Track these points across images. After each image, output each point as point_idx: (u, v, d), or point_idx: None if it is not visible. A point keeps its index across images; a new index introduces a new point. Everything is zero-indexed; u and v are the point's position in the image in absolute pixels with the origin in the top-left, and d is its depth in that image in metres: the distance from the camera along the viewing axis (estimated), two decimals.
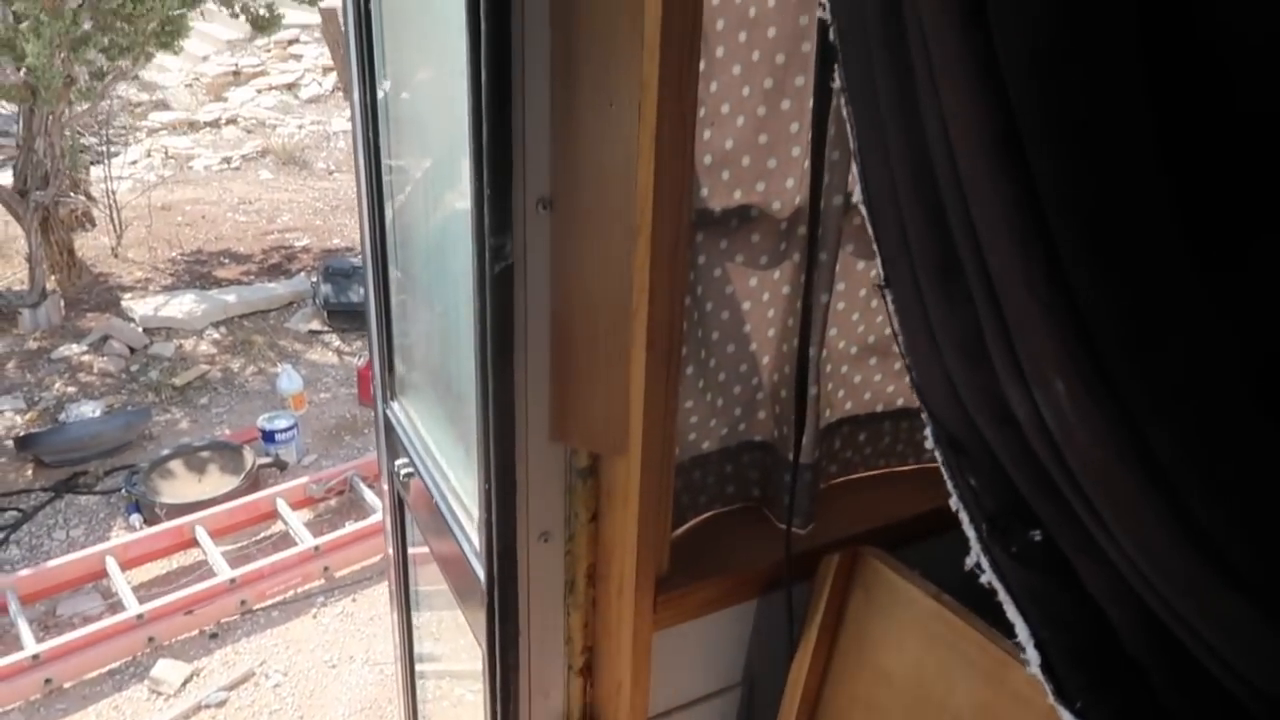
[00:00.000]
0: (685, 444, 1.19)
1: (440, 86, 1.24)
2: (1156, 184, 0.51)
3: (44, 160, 5.35)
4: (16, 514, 4.16)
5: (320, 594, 3.84)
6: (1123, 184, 0.50)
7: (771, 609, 1.21)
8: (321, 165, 8.06)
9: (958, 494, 0.78)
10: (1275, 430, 0.55)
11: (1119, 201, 0.50)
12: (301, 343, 5.57)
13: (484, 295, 0.97)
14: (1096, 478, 0.61)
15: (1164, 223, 0.51)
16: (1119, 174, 0.50)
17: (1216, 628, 0.64)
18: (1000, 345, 0.61)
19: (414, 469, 1.39)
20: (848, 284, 1.22)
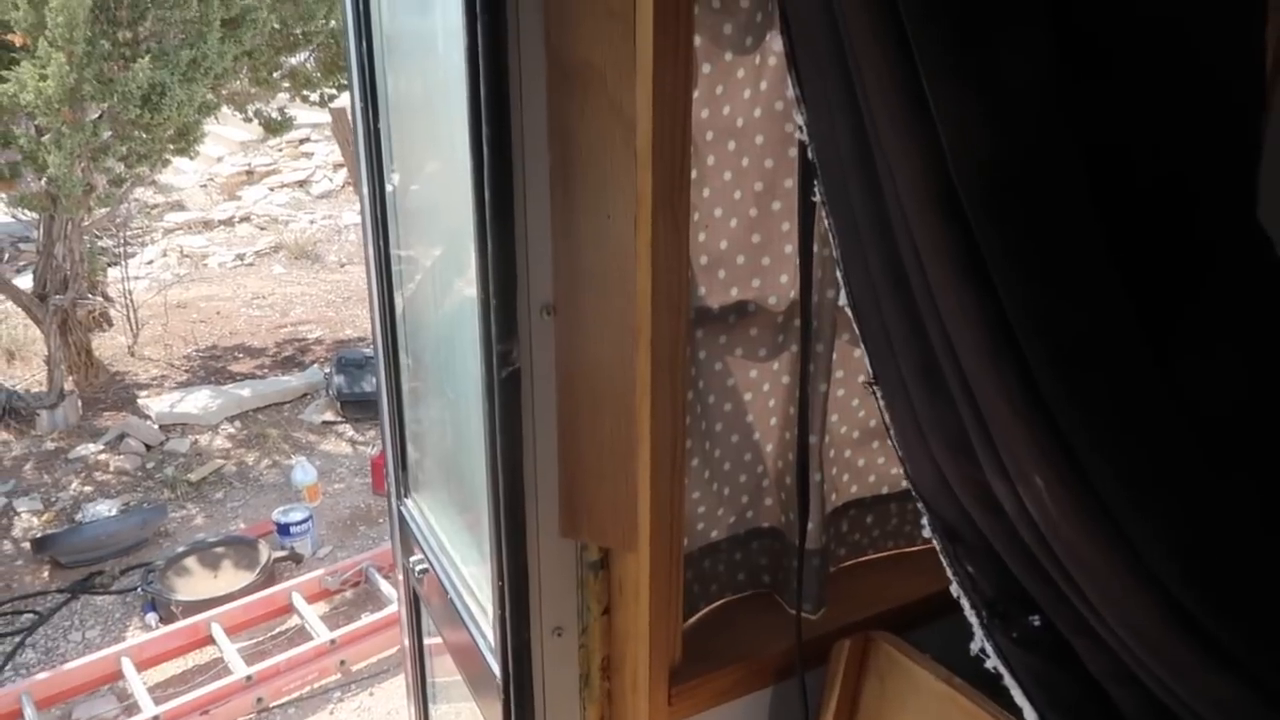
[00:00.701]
0: (694, 534, 1.21)
1: (446, 179, 1.29)
2: (1110, 285, 0.54)
3: (63, 265, 5.49)
4: (33, 617, 4.16)
5: (337, 689, 3.80)
6: (1082, 295, 0.54)
7: (786, 696, 1.21)
8: (333, 258, 8.23)
9: (957, 581, 0.80)
10: (1248, 518, 0.57)
11: (1081, 313, 0.54)
12: (315, 434, 5.61)
13: (492, 399, 1.01)
14: (1082, 567, 0.63)
15: (1124, 326, 0.54)
16: (1078, 288, 0.54)
17: (1214, 709, 0.65)
18: (983, 443, 0.64)
19: (428, 564, 1.41)
20: (846, 371, 1.26)
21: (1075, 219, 0.53)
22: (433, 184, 1.41)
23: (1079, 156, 0.53)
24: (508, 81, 0.94)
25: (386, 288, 1.53)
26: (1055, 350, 0.54)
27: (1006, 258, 0.53)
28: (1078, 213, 0.53)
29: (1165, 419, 0.55)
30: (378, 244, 1.53)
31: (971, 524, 0.75)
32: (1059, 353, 0.54)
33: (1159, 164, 0.54)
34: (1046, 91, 0.50)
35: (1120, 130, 0.53)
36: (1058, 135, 0.51)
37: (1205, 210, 0.55)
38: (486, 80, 0.93)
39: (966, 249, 0.54)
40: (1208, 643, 0.61)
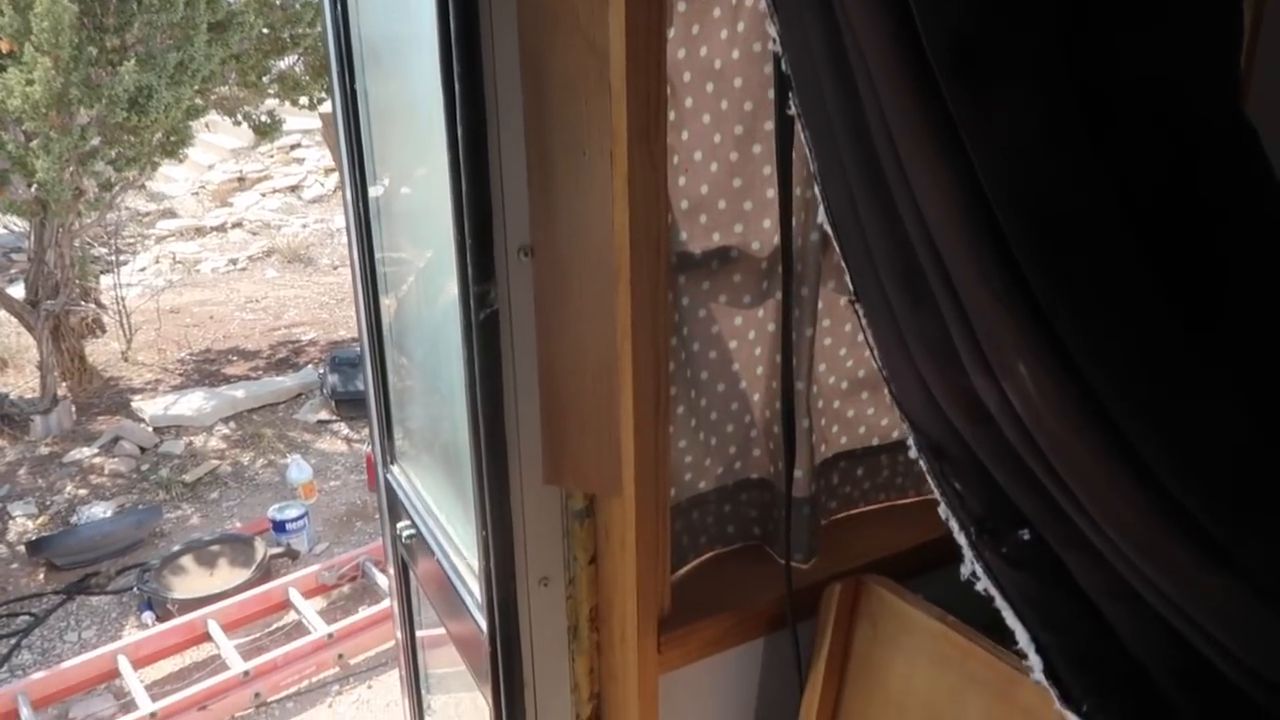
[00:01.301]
0: (682, 484, 1.20)
1: (419, 162, 1.30)
2: (1093, 167, 0.53)
3: (54, 271, 5.47)
4: (29, 618, 4.13)
5: (335, 682, 3.78)
6: (1059, 170, 0.52)
7: (779, 647, 1.20)
8: (326, 261, 8.22)
9: (945, 501, 0.79)
10: (1236, 403, 0.56)
11: (1059, 190, 0.52)
12: (310, 433, 5.59)
13: (471, 343, 1.00)
14: (1069, 461, 0.61)
15: (1104, 205, 0.53)
16: (1055, 162, 0.52)
17: (1209, 611, 0.64)
18: (965, 339, 0.62)
19: (415, 530, 1.40)
20: (833, 320, 1.24)
21: (1052, 92, 0.52)
22: (409, 163, 1.41)
23: (1056, 26, 0.51)
24: (478, 16, 0.92)
25: (367, 247, 1.52)
26: (1033, 227, 0.53)
27: (979, 129, 0.52)
28: (1054, 86, 0.52)
29: (1148, 302, 0.53)
30: (358, 213, 1.52)
31: (958, 438, 0.73)
32: (1037, 230, 0.53)
33: (1145, 57, 0.53)
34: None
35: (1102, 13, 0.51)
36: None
37: (1192, 95, 0.54)
38: (457, 15, 0.91)
39: (941, 123, 0.53)
40: (1200, 539, 0.59)
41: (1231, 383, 0.55)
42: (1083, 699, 0.76)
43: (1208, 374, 0.54)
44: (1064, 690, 0.77)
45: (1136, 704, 0.75)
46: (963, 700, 0.97)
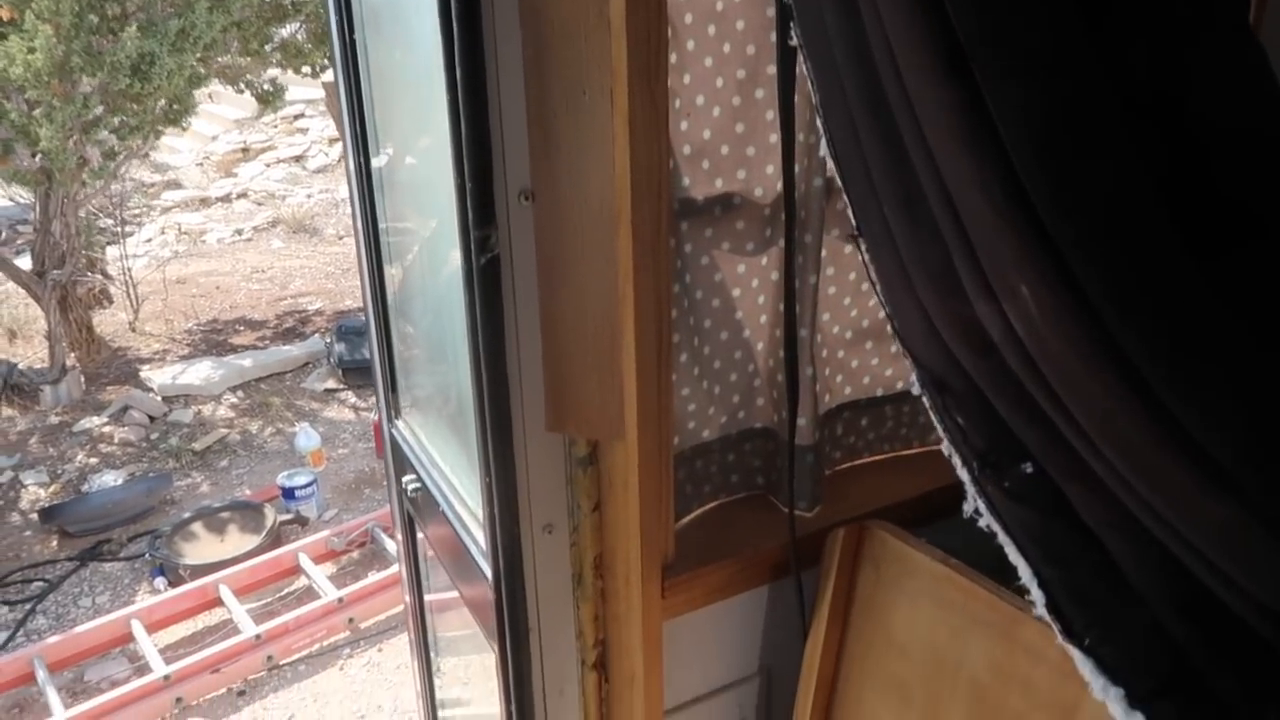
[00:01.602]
0: (685, 433, 1.20)
1: (422, 131, 1.30)
2: (1092, 68, 0.52)
3: (60, 242, 5.48)
4: (43, 584, 4.18)
5: (346, 646, 3.82)
6: (1060, 82, 0.51)
7: (783, 595, 1.20)
8: (331, 231, 8.21)
9: (948, 437, 0.78)
10: (1240, 322, 0.55)
11: (1060, 102, 0.51)
12: (318, 401, 5.61)
13: (472, 288, 0.99)
14: (1072, 386, 0.61)
15: (1107, 115, 0.52)
16: (1056, 75, 0.52)
17: (1214, 541, 0.64)
18: (967, 263, 0.62)
19: (421, 483, 1.40)
20: (837, 268, 1.23)
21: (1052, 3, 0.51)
22: (408, 124, 1.40)
23: None
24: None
25: (369, 198, 1.51)
26: (1035, 141, 0.52)
27: (983, 45, 0.51)
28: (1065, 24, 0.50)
29: (1151, 214, 0.53)
30: (359, 167, 1.51)
31: (960, 371, 0.73)
32: (1039, 143, 0.52)
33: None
34: None
35: None
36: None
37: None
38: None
39: (942, 37, 0.52)
40: (1205, 464, 0.59)
41: (1235, 297, 0.54)
42: (1084, 633, 0.77)
43: (1212, 288, 0.54)
44: (1066, 624, 0.77)
45: (1138, 637, 0.75)
46: (965, 641, 0.97)
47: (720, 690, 1.22)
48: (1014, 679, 0.93)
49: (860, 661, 1.11)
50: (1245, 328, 0.56)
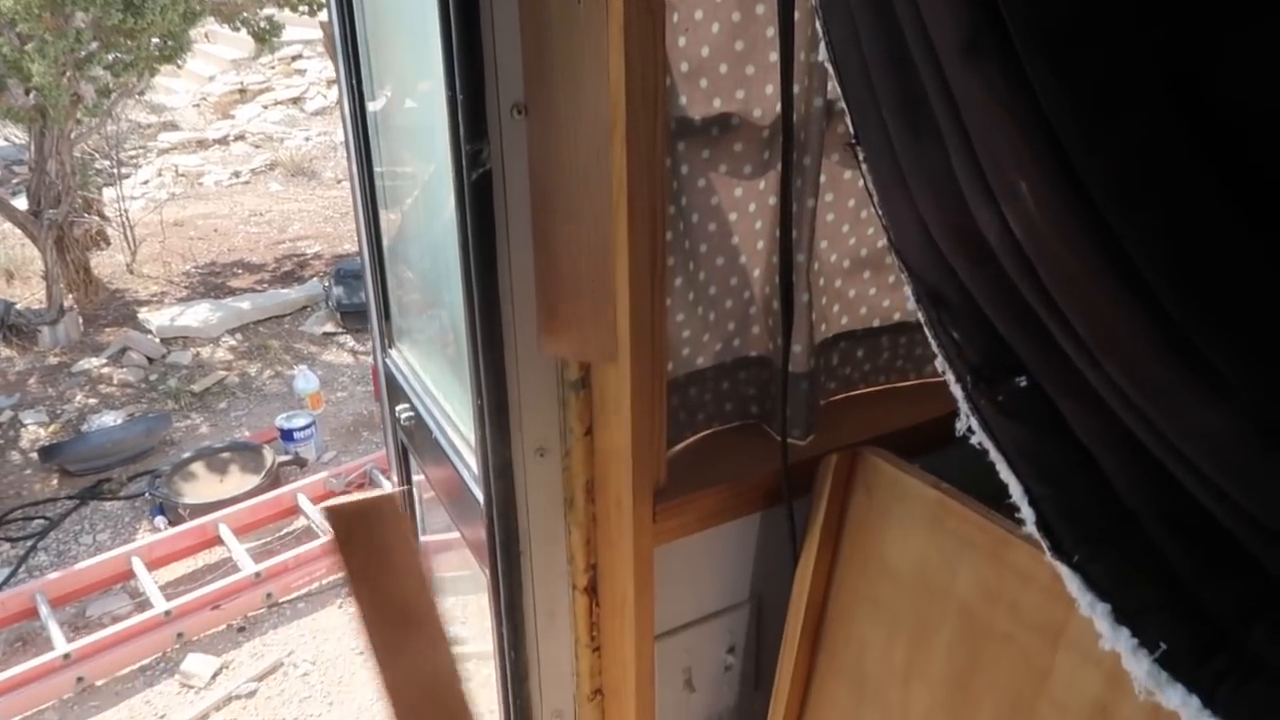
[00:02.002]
0: (680, 360, 1.19)
1: (420, 75, 1.27)
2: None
3: (56, 181, 5.42)
4: (44, 522, 4.22)
5: (345, 584, 3.86)
6: None
7: (775, 523, 1.20)
8: (330, 175, 8.12)
9: (942, 353, 0.77)
10: (1243, 222, 0.54)
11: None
12: (316, 345, 5.61)
13: (464, 204, 0.97)
14: (1069, 290, 0.60)
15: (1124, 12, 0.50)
16: None
17: (1208, 451, 0.63)
18: (966, 166, 0.60)
19: (414, 411, 1.40)
20: (836, 194, 1.21)
21: None
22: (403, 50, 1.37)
23: None
24: None
25: (362, 126, 1.48)
26: (1039, 27, 0.50)
27: None
28: None
29: (1157, 106, 0.51)
30: (352, 102, 1.48)
31: (956, 283, 0.72)
32: (1043, 29, 0.50)
33: None
34: None
35: None
36: None
37: None
38: None
39: None
40: (1201, 369, 0.58)
41: (1245, 197, 0.53)
42: (1074, 550, 0.76)
43: (1220, 187, 0.52)
44: (1055, 542, 0.77)
45: (1128, 554, 0.75)
46: (955, 564, 0.97)
47: (711, 616, 1.23)
48: (1002, 601, 0.93)
49: (850, 587, 1.11)
50: (1252, 229, 0.54)
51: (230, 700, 3.30)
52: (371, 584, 0.98)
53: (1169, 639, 0.72)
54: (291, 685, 3.37)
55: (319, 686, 3.36)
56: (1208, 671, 0.71)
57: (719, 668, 1.27)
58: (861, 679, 1.11)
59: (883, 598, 1.06)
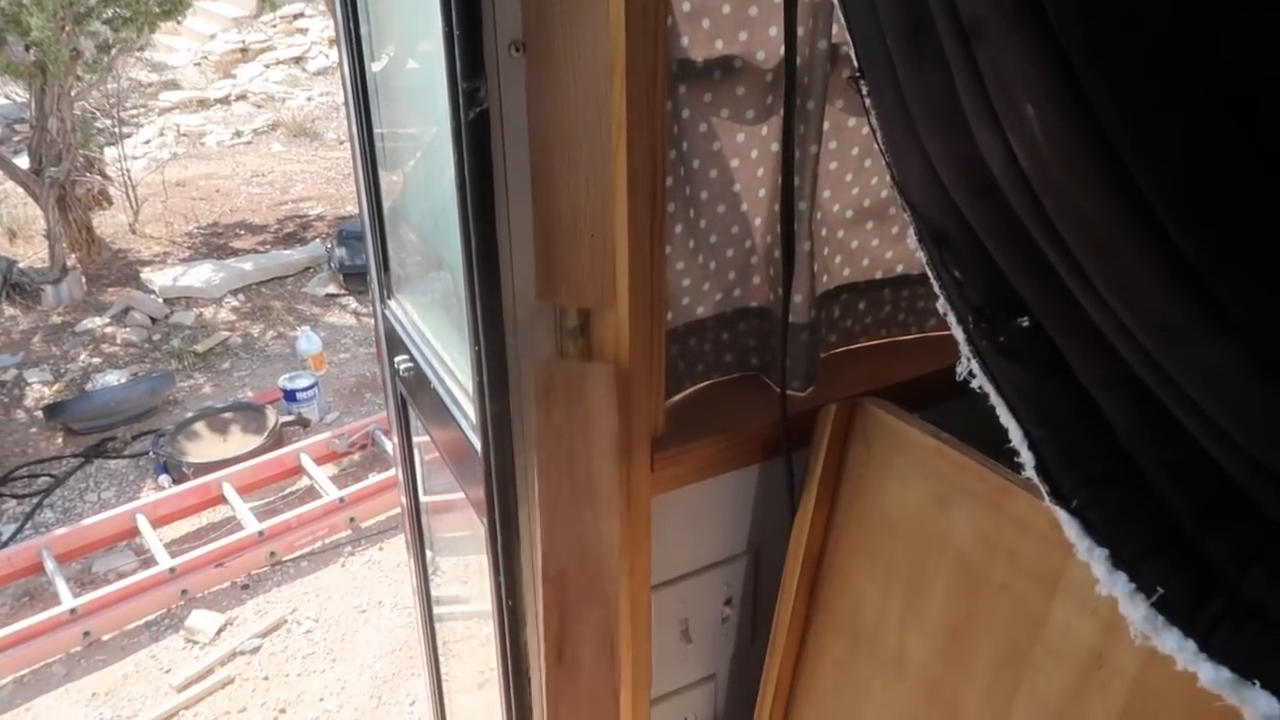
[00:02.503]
0: (679, 309, 1.17)
1: (422, 35, 1.25)
2: None
3: (56, 139, 5.39)
4: (49, 479, 4.24)
5: (347, 544, 3.89)
6: None
7: (774, 474, 1.20)
8: (332, 136, 8.07)
9: (944, 294, 0.76)
10: (1257, 151, 0.52)
11: None
12: (319, 306, 5.60)
13: (461, 144, 0.96)
14: (1076, 222, 0.58)
15: None
16: None
17: (1210, 387, 0.62)
18: (971, 87, 0.58)
19: (413, 362, 1.39)
20: (839, 142, 1.19)
21: None
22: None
23: None
24: None
25: (362, 87, 1.46)
26: None
27: None
28: None
29: (1172, 25, 0.49)
30: (351, 54, 1.46)
31: (959, 219, 0.70)
32: None
33: None
34: None
35: None
36: None
37: None
38: None
39: None
40: (1206, 302, 0.57)
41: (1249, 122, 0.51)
42: (1072, 494, 0.76)
43: (1231, 114, 0.50)
44: (1054, 486, 0.76)
45: (1126, 499, 0.74)
46: (953, 514, 0.97)
47: (709, 568, 1.23)
48: (999, 550, 0.92)
49: (848, 538, 1.11)
50: (1264, 159, 0.53)
51: (234, 656, 3.34)
52: (566, 445, 1.01)
53: (1166, 583, 0.72)
54: (295, 642, 3.40)
55: (322, 643, 3.39)
56: (1204, 616, 0.70)
57: (716, 619, 1.27)
58: (857, 630, 1.11)
59: (880, 548, 1.06)
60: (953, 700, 0.99)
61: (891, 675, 1.07)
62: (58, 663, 3.29)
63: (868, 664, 1.10)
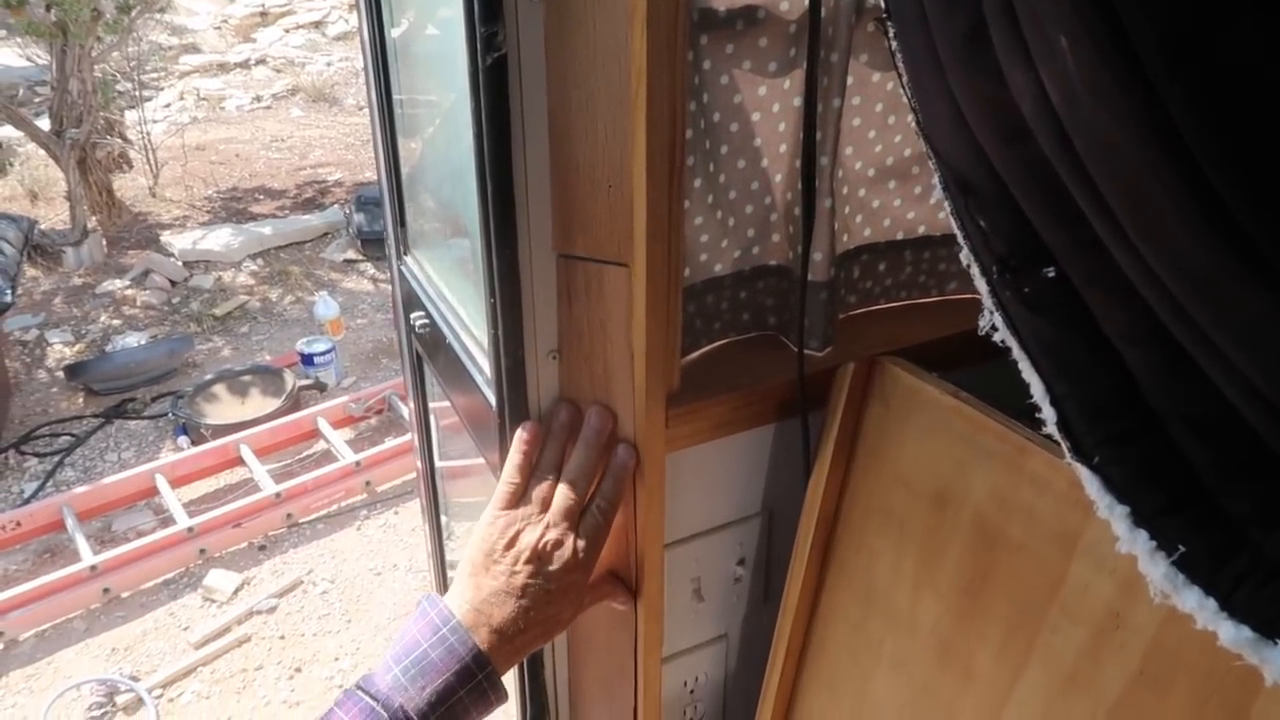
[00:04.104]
0: (697, 265, 1.16)
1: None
2: None
3: (77, 100, 5.41)
4: (70, 439, 4.29)
5: (363, 508, 3.92)
6: None
7: (790, 436, 1.19)
8: (351, 101, 8.05)
9: (968, 244, 0.74)
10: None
11: None
12: (337, 272, 5.62)
13: (478, 91, 0.94)
14: (1108, 163, 0.57)
15: None
16: None
17: (1242, 337, 0.60)
18: (1002, 25, 0.57)
19: (429, 318, 1.38)
20: (864, 98, 1.17)
21: None
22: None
23: None
24: None
25: (381, 53, 1.45)
26: None
27: None
28: None
29: None
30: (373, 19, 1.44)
31: (985, 165, 0.68)
32: None
33: None
34: None
35: None
36: None
37: None
38: None
39: None
40: (1241, 247, 0.55)
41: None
42: (1094, 451, 0.74)
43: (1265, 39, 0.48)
44: (1075, 442, 0.75)
45: (1149, 456, 0.72)
46: (970, 474, 0.96)
47: (722, 527, 1.22)
48: (1017, 509, 0.91)
49: (863, 498, 1.10)
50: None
51: (251, 615, 3.39)
52: (585, 343, 1.03)
53: (1187, 541, 0.71)
54: (311, 602, 3.45)
55: (337, 604, 3.43)
56: (1226, 574, 0.69)
57: (728, 579, 1.27)
58: (870, 590, 1.11)
59: (895, 508, 1.05)
60: (965, 660, 0.99)
61: (904, 635, 1.06)
62: (78, 618, 3.35)
63: (880, 624, 1.10)
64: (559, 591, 0.92)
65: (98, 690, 3.02)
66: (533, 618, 0.90)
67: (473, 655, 0.86)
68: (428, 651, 0.86)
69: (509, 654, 0.89)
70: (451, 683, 0.85)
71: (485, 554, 0.92)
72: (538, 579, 0.91)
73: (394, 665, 0.86)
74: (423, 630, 0.88)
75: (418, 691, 0.84)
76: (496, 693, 0.89)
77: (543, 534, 0.93)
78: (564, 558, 0.93)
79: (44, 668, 3.14)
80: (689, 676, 1.31)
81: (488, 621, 0.89)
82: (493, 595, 0.90)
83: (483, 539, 0.93)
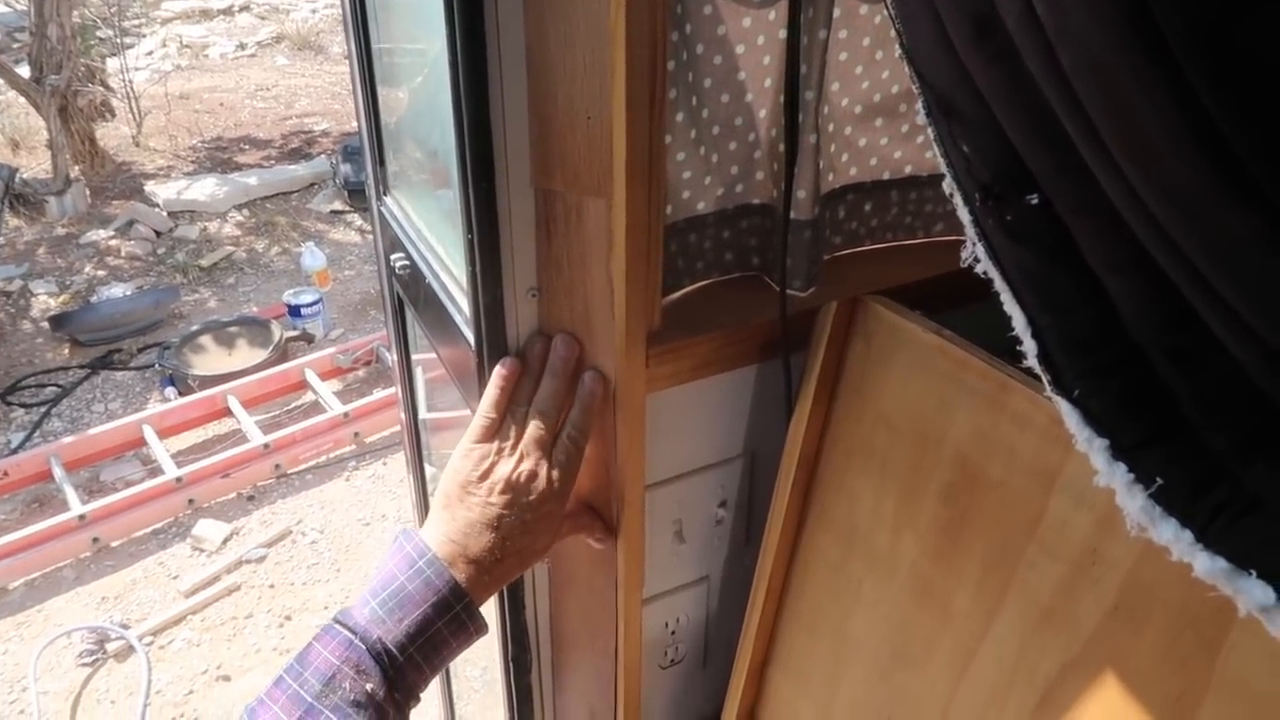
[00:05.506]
0: (679, 203, 1.14)
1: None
2: None
3: (57, 46, 5.29)
4: (56, 389, 4.27)
5: (352, 459, 3.92)
6: None
7: (772, 378, 1.18)
8: (337, 49, 7.91)
9: (950, 172, 0.73)
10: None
11: None
12: (324, 223, 5.56)
13: (453, 21, 0.91)
14: (1094, 79, 0.55)
15: None
16: None
17: (1228, 262, 0.59)
18: None
19: (409, 260, 1.36)
20: (850, 31, 1.14)
21: None
22: None
23: None
24: None
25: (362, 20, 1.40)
26: None
27: None
28: None
29: None
30: None
31: (970, 88, 0.67)
32: None
33: None
34: None
35: None
36: None
37: None
38: None
39: None
40: (1230, 167, 0.53)
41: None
42: (1074, 384, 0.73)
43: None
44: (1056, 375, 0.74)
45: (1129, 388, 0.71)
46: (952, 412, 0.95)
47: (703, 469, 1.21)
48: (998, 447, 0.91)
49: (845, 438, 1.09)
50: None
51: (240, 564, 3.40)
52: (565, 275, 1.02)
53: (1166, 474, 0.70)
54: (300, 552, 3.46)
55: (326, 554, 3.45)
56: (1204, 506, 0.69)
57: (710, 521, 1.27)
58: (851, 531, 1.10)
59: (876, 448, 1.04)
60: (944, 599, 0.99)
61: (884, 575, 1.06)
62: (68, 567, 3.36)
63: (860, 564, 1.10)
64: (534, 521, 0.92)
65: (88, 638, 3.04)
66: (509, 548, 0.90)
67: (450, 587, 0.86)
68: (404, 584, 0.86)
69: (486, 585, 0.89)
70: (429, 614, 0.84)
71: (460, 486, 0.91)
72: (513, 510, 0.90)
73: (371, 599, 0.86)
74: (399, 564, 0.87)
75: (395, 624, 0.84)
76: (475, 624, 0.89)
77: (516, 465, 0.92)
78: (539, 488, 0.92)
79: (34, 615, 3.15)
80: (670, 618, 1.31)
81: (464, 553, 0.88)
82: (468, 527, 0.89)
83: (457, 471, 0.93)
